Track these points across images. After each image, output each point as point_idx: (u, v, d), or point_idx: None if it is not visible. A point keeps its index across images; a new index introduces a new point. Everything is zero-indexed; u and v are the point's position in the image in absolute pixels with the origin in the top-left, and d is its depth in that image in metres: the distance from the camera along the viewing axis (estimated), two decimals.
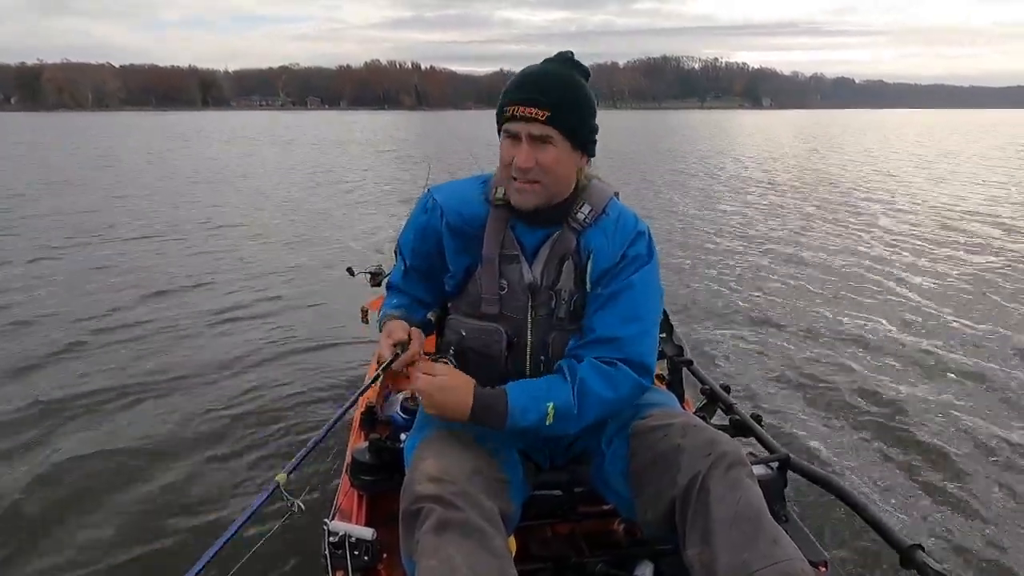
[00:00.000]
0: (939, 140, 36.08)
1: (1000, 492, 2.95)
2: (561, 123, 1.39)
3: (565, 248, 1.50)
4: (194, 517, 2.73)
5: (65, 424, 3.50)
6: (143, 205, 11.28)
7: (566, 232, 1.50)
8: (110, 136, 36.44)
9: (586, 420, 1.43)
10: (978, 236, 8.83)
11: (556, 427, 1.42)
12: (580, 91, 1.43)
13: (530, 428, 1.41)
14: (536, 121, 1.38)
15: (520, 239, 1.52)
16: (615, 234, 1.51)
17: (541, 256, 1.51)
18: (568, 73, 1.44)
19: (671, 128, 47.19)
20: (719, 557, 1.21)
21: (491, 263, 1.51)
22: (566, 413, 1.41)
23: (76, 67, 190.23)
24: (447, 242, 1.56)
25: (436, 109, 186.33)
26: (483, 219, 1.53)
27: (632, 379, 1.46)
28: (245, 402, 3.77)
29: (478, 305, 1.54)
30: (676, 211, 11.00)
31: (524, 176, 1.41)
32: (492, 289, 1.52)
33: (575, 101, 1.42)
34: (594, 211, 1.51)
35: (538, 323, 1.52)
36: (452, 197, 1.58)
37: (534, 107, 1.38)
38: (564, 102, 1.40)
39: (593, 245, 1.50)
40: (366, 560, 1.47)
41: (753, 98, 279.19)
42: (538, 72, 1.44)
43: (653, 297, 1.53)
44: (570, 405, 1.41)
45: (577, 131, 1.43)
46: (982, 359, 4.48)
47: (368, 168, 18.87)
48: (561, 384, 1.43)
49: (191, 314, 5.38)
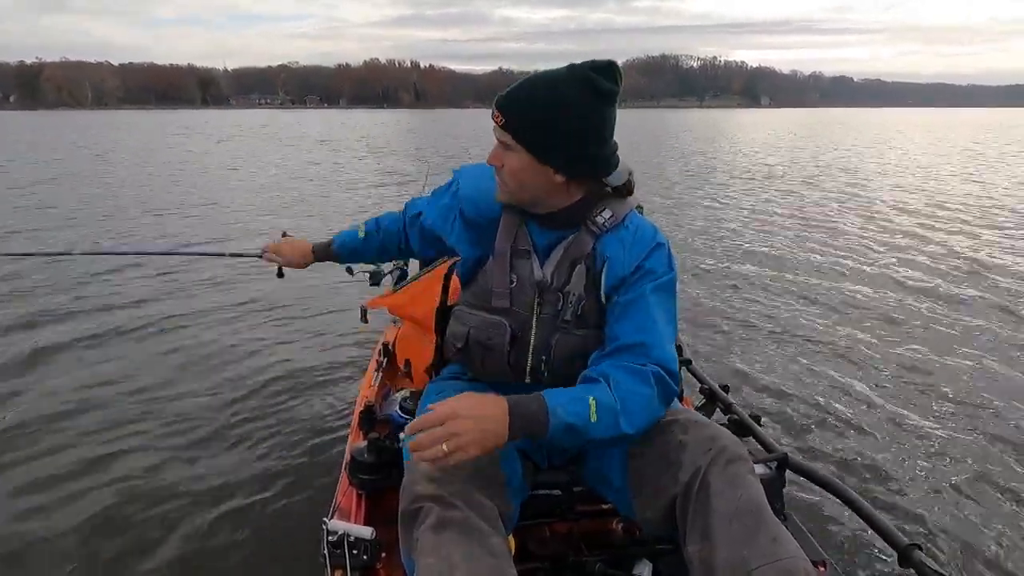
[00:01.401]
0: (993, 138, 35.11)
1: (1002, 492, 2.95)
2: (516, 133, 1.39)
3: (580, 251, 1.49)
4: (184, 500, 2.78)
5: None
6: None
7: (583, 235, 1.49)
8: (132, 134, 36.40)
9: (633, 418, 1.33)
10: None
11: (603, 424, 1.30)
12: (553, 110, 1.36)
13: (577, 428, 1.28)
14: (497, 124, 1.41)
15: (533, 237, 1.52)
16: (632, 245, 1.48)
17: (554, 257, 1.51)
18: (560, 88, 1.36)
19: (670, 132, 46.92)
20: (719, 553, 1.21)
21: (503, 257, 1.51)
22: (609, 407, 1.30)
23: (75, 65, 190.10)
24: (461, 230, 1.58)
25: (435, 107, 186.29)
26: (498, 213, 1.53)
27: (662, 378, 1.38)
28: (237, 398, 3.77)
29: (486, 298, 1.54)
30: (681, 212, 11.01)
31: (497, 173, 1.46)
32: (503, 283, 1.52)
33: (540, 118, 1.37)
34: (615, 217, 1.49)
35: (543, 322, 1.51)
36: (473, 186, 1.59)
37: (499, 110, 1.40)
38: (526, 115, 1.37)
39: (609, 252, 1.47)
40: (365, 559, 1.47)
41: (752, 97, 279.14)
42: (526, 80, 1.42)
43: (670, 310, 1.49)
44: (611, 401, 1.32)
45: (540, 146, 1.39)
46: (996, 360, 4.45)
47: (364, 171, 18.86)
48: (594, 385, 1.34)
49: (183, 313, 5.39)
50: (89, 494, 2.87)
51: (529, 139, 1.39)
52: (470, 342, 1.56)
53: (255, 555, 2.48)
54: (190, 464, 3.10)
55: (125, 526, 2.66)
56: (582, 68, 1.36)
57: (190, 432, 3.40)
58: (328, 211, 10.80)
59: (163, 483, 2.95)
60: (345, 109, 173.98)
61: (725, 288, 6.30)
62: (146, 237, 8.58)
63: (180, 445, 3.27)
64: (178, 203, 11.43)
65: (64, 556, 2.49)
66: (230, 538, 2.58)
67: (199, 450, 3.23)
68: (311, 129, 44.50)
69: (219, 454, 3.19)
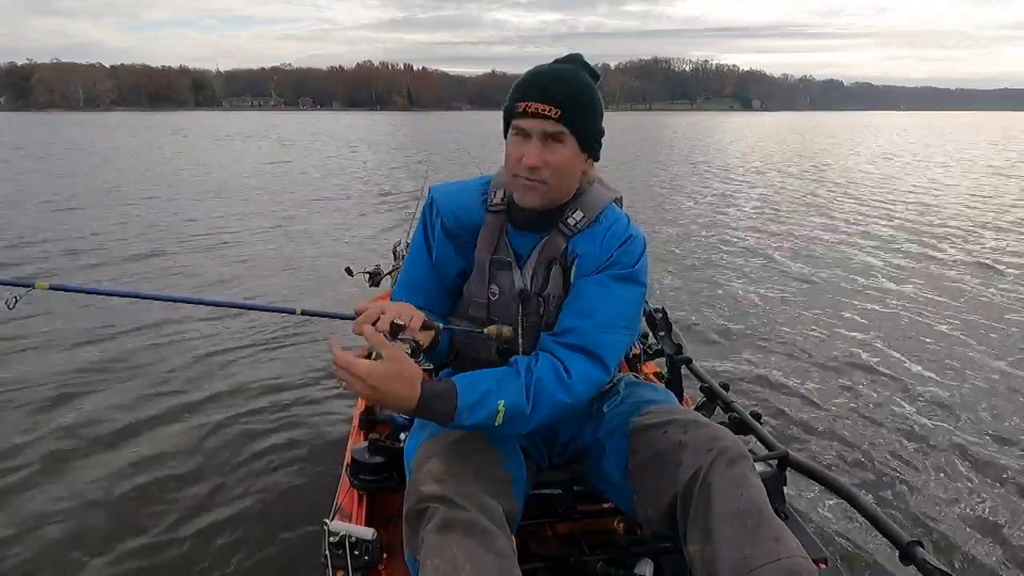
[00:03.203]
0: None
1: (1005, 489, 2.96)
2: (573, 122, 1.39)
3: (553, 252, 1.49)
4: (185, 501, 2.78)
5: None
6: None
7: (556, 237, 1.49)
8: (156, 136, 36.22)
9: (537, 421, 1.35)
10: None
11: (506, 428, 1.33)
12: (592, 93, 1.43)
13: (478, 428, 1.32)
14: (549, 119, 1.37)
15: (514, 246, 1.51)
16: (604, 240, 1.48)
17: (531, 261, 1.51)
18: (580, 74, 1.43)
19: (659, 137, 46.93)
20: (720, 553, 1.21)
21: (482, 268, 1.51)
22: (518, 414, 1.32)
23: (67, 67, 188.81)
24: (443, 243, 1.56)
25: (427, 110, 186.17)
26: (478, 224, 1.52)
27: (586, 375, 1.39)
28: (236, 398, 3.76)
29: (468, 310, 1.55)
30: (681, 211, 11.03)
31: (532, 174, 1.39)
32: (481, 294, 1.52)
33: (587, 102, 1.41)
34: (587, 217, 1.49)
35: (529, 330, 1.51)
36: (450, 199, 1.57)
37: (549, 104, 1.37)
38: (577, 102, 1.39)
39: (580, 250, 1.48)
40: (366, 560, 1.47)
41: (743, 100, 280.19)
42: (551, 71, 1.42)
43: (626, 300, 1.47)
44: (522, 404, 1.32)
45: (587, 132, 1.42)
46: (995, 357, 4.47)
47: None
48: (514, 379, 1.34)
49: (182, 316, 5.34)
50: (88, 492, 2.85)
51: (580, 127, 1.41)
52: (459, 355, 1.56)
53: (256, 555, 2.47)
54: (189, 464, 3.09)
55: (124, 525, 2.65)
56: (575, 57, 1.46)
57: (189, 432, 3.38)
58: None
59: (162, 483, 2.94)
60: (339, 111, 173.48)
61: (725, 287, 6.31)
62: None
63: (179, 445, 3.26)
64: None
65: (64, 556, 2.48)
66: (230, 539, 2.57)
67: (198, 450, 3.21)
68: (339, 131, 44.20)
69: (219, 454, 3.18)
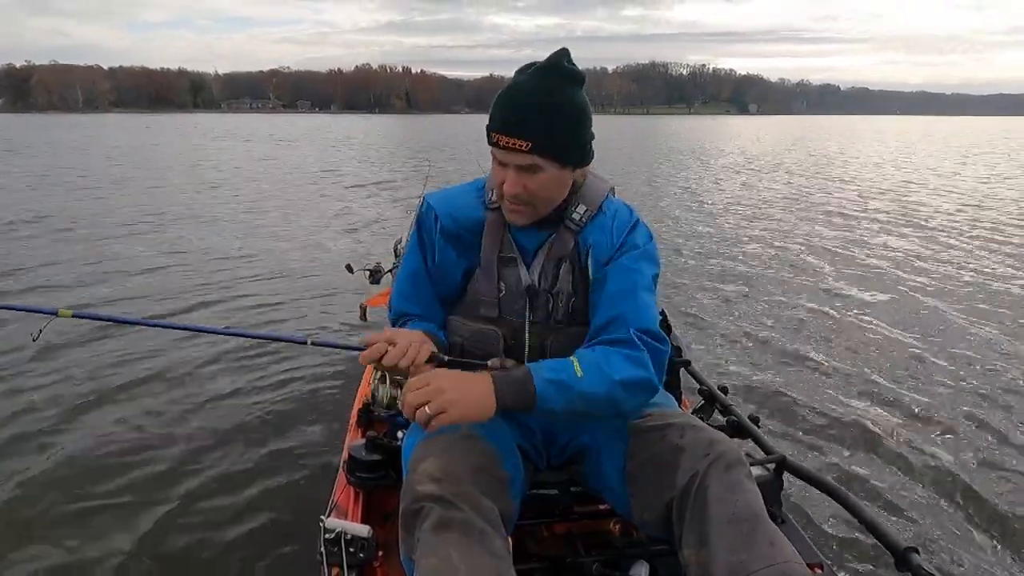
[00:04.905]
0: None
1: (1001, 495, 2.95)
2: (548, 150, 1.37)
3: (563, 250, 1.51)
4: (180, 497, 2.79)
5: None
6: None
7: (563, 234, 1.51)
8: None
9: (619, 370, 1.36)
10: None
11: (590, 377, 1.33)
12: (571, 108, 1.38)
13: (564, 383, 1.32)
14: (519, 152, 1.36)
15: (518, 241, 1.52)
16: (613, 228, 1.51)
17: (539, 258, 1.52)
18: (557, 91, 1.36)
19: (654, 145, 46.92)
20: (716, 558, 1.21)
21: (489, 265, 1.52)
22: (593, 361, 1.36)
23: (65, 69, 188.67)
24: (443, 248, 1.56)
25: (426, 113, 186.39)
26: (480, 223, 1.53)
27: (652, 347, 1.41)
28: (234, 396, 3.75)
29: (476, 308, 1.54)
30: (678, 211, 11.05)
31: (514, 200, 1.42)
32: (491, 292, 1.52)
33: (564, 125, 1.38)
34: (589, 210, 1.51)
35: (536, 326, 1.52)
36: (446, 202, 1.58)
37: (517, 138, 1.35)
38: (552, 128, 1.36)
39: (591, 241, 1.50)
40: (362, 557, 1.46)
41: (740, 104, 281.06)
42: (522, 95, 1.37)
43: (651, 277, 1.52)
44: (594, 356, 1.37)
45: (566, 152, 1.40)
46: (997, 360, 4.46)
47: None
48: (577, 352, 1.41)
49: (187, 307, 5.38)
50: (85, 491, 2.85)
51: (556, 151, 1.39)
52: (465, 353, 1.55)
53: (251, 552, 2.47)
54: (186, 462, 3.08)
55: (122, 524, 2.64)
56: (555, 65, 1.37)
57: (185, 430, 3.38)
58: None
59: (160, 482, 2.93)
60: (337, 114, 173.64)
61: (725, 288, 6.31)
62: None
63: (176, 443, 3.24)
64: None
65: (63, 555, 2.47)
66: (226, 535, 2.56)
67: (195, 448, 3.20)
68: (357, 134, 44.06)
69: (215, 451, 3.17)
